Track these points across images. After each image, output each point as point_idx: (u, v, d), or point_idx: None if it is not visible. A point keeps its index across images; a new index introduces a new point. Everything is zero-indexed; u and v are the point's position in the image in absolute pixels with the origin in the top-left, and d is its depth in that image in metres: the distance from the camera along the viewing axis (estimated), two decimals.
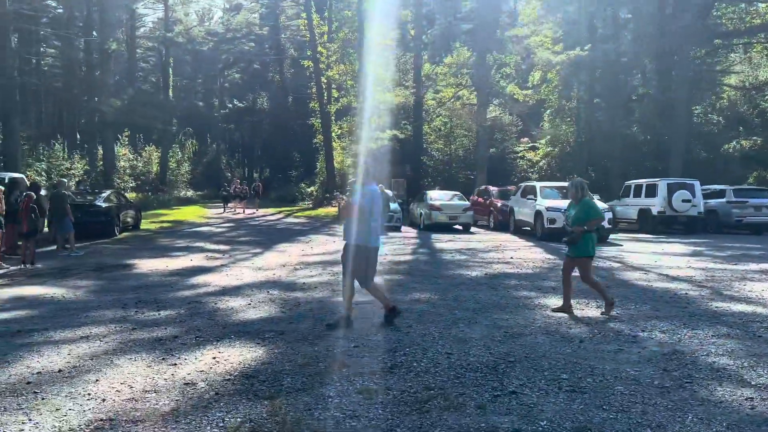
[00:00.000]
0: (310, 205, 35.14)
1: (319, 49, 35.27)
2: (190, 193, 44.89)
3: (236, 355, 5.02)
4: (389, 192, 21.22)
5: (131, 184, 34.97)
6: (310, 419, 3.62)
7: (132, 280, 9.31)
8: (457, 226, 20.76)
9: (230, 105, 53.88)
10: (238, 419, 3.60)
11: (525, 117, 34.75)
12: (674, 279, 9.41)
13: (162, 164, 41.94)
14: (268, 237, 16.87)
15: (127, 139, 45.19)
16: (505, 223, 19.99)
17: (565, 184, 20.53)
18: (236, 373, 4.52)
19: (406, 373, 4.50)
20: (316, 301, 7.50)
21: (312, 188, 39.13)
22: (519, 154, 34.79)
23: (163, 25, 42.17)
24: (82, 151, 41.26)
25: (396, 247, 14.25)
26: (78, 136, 45.80)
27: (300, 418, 3.64)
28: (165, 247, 14.26)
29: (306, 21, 36.37)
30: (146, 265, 11.02)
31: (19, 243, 11.41)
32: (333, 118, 37.04)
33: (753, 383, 4.30)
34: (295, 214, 27.56)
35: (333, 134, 36.67)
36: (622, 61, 30.62)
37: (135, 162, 39.72)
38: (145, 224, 20.57)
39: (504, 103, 33.00)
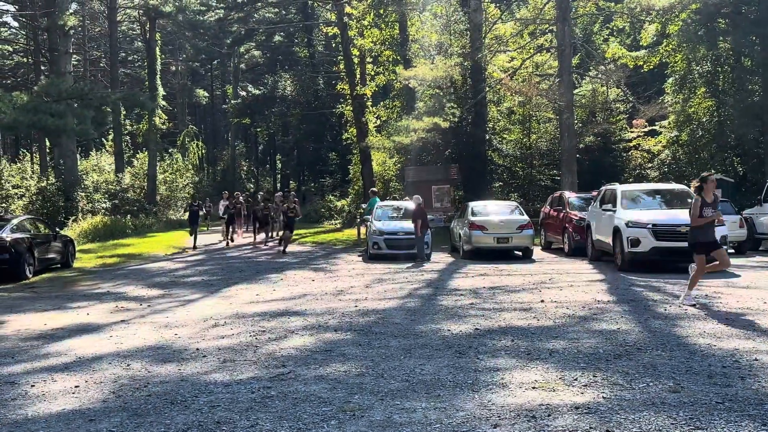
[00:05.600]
0: (339, 226, 34.99)
1: (347, 9, 35.11)
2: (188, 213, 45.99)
3: None
4: (407, 204, 20.71)
5: (104, 205, 36.16)
6: None
7: None
8: (515, 252, 20.00)
9: (243, 93, 54.92)
10: None
11: (634, 90, 33.17)
12: (764, 333, 8.50)
13: (150, 176, 43.28)
14: (229, 275, 16.79)
15: (111, 145, 47.29)
16: (583, 245, 18.95)
17: (671, 186, 19.28)
18: None
19: None
20: (173, 381, 7.06)
21: (343, 202, 39.05)
22: (632, 143, 33.28)
23: None
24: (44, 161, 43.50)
25: (390, 287, 13.77)
26: (47, 143, 48.44)
27: None
28: (74, 294, 14.37)
29: None
30: (20, 322, 11.06)
31: None
32: (369, 103, 36.90)
33: None
34: (303, 240, 27.40)
35: (370, 125, 36.43)
36: None
37: (115, 176, 41.23)
38: (86, 259, 21.06)
39: (606, 71, 31.61)
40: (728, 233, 15.71)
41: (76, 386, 7.04)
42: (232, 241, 26.57)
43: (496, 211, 20.30)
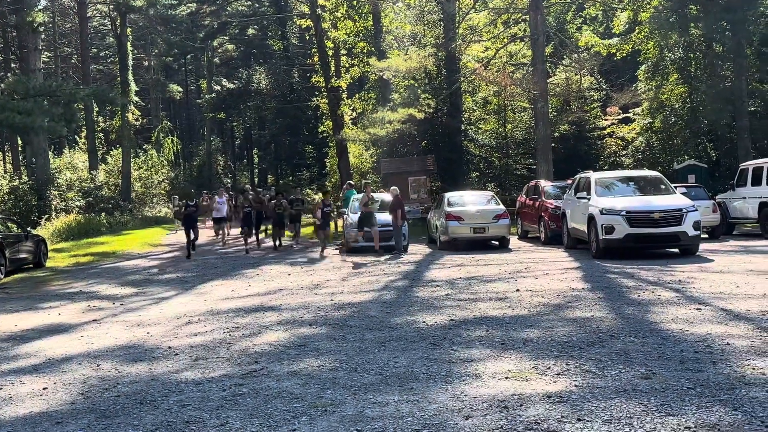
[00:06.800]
0: (316, 220, 34.82)
1: (320, 1, 34.87)
2: (165, 209, 45.68)
3: None
4: (384, 195, 20.72)
5: (78, 203, 35.73)
6: None
7: None
8: (492, 241, 20.03)
9: (217, 87, 54.50)
10: None
11: (607, 77, 33.33)
12: (735, 317, 8.49)
13: (124, 173, 42.84)
14: (204, 271, 16.69)
15: (84, 142, 46.69)
16: (560, 233, 19.02)
17: (644, 173, 19.39)
18: None
19: None
20: (143, 381, 6.97)
21: (320, 195, 38.88)
22: (606, 131, 33.45)
23: None
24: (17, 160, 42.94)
25: (366, 280, 13.74)
26: (19, 142, 47.83)
27: None
28: (46, 294, 14.23)
29: None
30: None
31: None
32: (344, 95, 36.76)
33: None
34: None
35: (346, 117, 36.33)
36: None
37: (89, 173, 40.76)
38: (59, 259, 20.82)
39: (579, 59, 31.67)
40: (701, 218, 15.83)
41: (44, 388, 6.94)
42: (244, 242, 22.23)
43: (472, 202, 20.31)
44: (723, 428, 4.76)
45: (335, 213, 21.97)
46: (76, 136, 48.26)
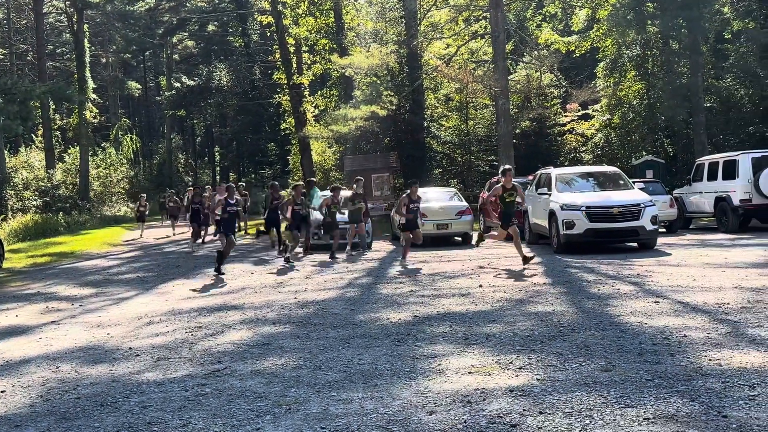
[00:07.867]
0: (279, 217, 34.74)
1: None
2: (125, 208, 45.20)
3: None
4: (347, 193, 20.63)
5: (35, 202, 35.17)
6: None
7: None
8: (455, 238, 20.15)
9: (177, 84, 53.94)
10: None
11: (567, 75, 33.75)
12: (692, 309, 8.65)
13: (82, 172, 42.26)
14: (166, 271, 16.54)
15: (40, 140, 45.89)
16: (521, 228, 19.17)
17: (603, 168, 19.66)
18: None
19: None
20: (104, 382, 6.89)
21: (283, 192, 38.76)
22: (566, 127, 33.84)
23: None
24: None
25: (330, 277, 13.73)
26: None
27: None
28: (2, 296, 13.95)
29: None
30: None
31: None
32: (306, 92, 36.75)
33: None
34: (238, 232, 27.08)
35: (308, 115, 36.36)
36: None
37: (45, 173, 40.12)
38: (16, 260, 20.48)
39: (539, 57, 31.97)
40: (659, 213, 16.13)
41: (2, 391, 6.81)
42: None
43: (435, 198, 20.41)
44: (681, 418, 4.86)
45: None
46: (32, 135, 47.54)
